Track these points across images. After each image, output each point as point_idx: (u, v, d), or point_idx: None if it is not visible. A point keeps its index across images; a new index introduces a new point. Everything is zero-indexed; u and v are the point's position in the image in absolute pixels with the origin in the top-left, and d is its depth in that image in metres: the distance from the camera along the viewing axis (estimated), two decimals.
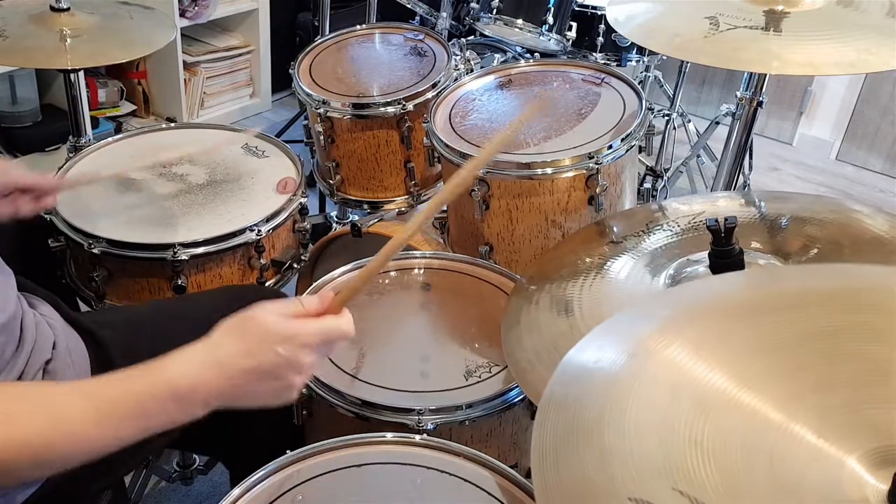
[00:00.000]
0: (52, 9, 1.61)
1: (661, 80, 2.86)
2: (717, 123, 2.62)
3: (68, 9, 1.61)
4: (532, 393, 0.96)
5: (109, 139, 1.59)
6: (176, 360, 0.78)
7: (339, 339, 0.85)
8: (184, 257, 1.30)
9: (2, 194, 1.13)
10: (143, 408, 0.76)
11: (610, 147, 1.39)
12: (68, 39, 1.56)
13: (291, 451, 0.92)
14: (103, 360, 1.04)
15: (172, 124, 1.72)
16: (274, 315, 0.81)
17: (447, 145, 1.46)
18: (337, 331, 0.83)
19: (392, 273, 1.35)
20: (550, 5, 2.24)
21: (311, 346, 0.81)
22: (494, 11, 2.29)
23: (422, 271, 1.36)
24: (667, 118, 2.78)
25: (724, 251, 0.97)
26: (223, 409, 1.06)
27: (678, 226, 1.16)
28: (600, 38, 2.27)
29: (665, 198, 2.73)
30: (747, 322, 0.72)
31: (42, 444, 0.73)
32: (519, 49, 2.53)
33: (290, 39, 3.42)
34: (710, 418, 0.62)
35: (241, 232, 1.34)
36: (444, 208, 1.64)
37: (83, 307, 1.45)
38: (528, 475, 0.67)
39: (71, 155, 1.56)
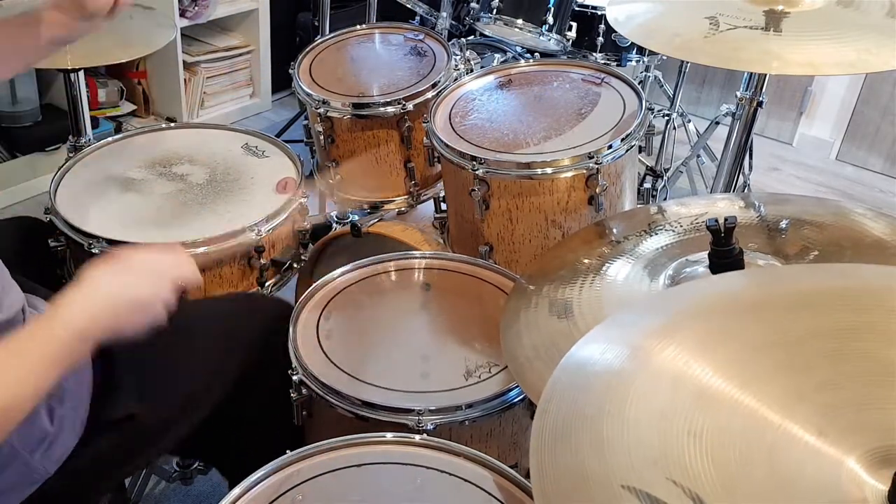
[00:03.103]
0: None
1: (661, 80, 2.86)
2: (717, 123, 2.62)
3: None
4: (532, 392, 0.96)
5: (109, 139, 1.59)
6: (67, 306, 0.87)
7: (187, 282, 1.01)
8: None
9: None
10: (58, 355, 0.85)
11: (610, 147, 1.39)
12: None
13: (291, 451, 0.93)
14: (105, 364, 1.05)
15: (172, 124, 1.72)
16: (150, 252, 0.99)
17: (447, 145, 1.46)
18: (190, 273, 1.01)
19: (392, 273, 1.35)
20: (550, 5, 2.24)
21: (172, 281, 0.96)
22: (494, 11, 2.29)
23: (422, 271, 1.36)
24: (667, 118, 2.78)
25: (724, 251, 0.97)
26: (223, 422, 1.07)
27: (681, 226, 1.16)
28: (600, 38, 2.27)
29: (665, 198, 2.73)
30: (752, 320, 0.72)
31: None
32: (519, 49, 2.53)
33: (290, 39, 3.42)
34: (710, 413, 0.63)
35: (241, 232, 1.34)
36: (444, 208, 1.64)
37: None
38: (527, 475, 0.67)
39: (71, 155, 1.56)
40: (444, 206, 1.64)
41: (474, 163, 1.40)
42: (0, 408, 0.80)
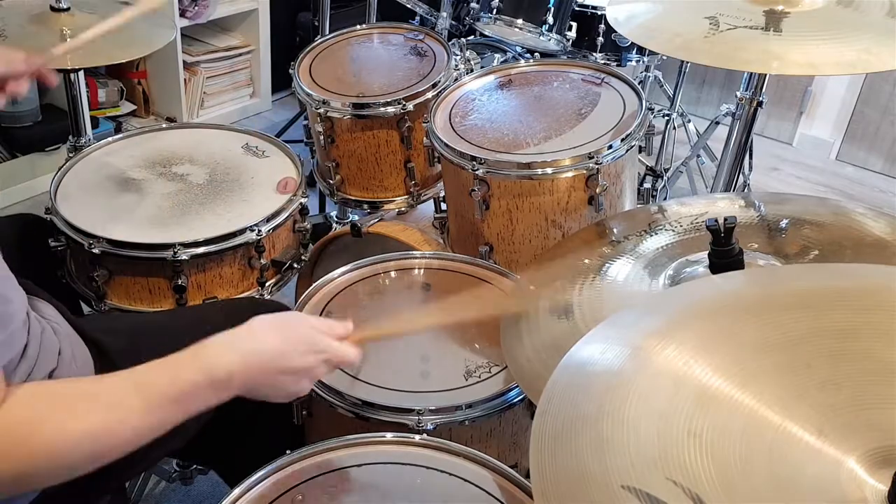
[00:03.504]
0: (53, 9, 1.61)
1: (661, 80, 2.86)
2: (717, 123, 2.62)
3: (68, 9, 1.61)
4: (532, 392, 0.96)
5: (109, 139, 1.59)
6: (218, 348, 0.84)
7: (344, 366, 1.01)
8: (184, 257, 1.30)
9: None
10: (185, 395, 0.81)
11: (610, 147, 1.39)
12: (68, 39, 1.55)
13: (291, 451, 0.93)
14: (107, 370, 1.04)
15: (173, 124, 1.72)
16: (313, 326, 0.91)
17: (447, 145, 1.46)
18: (348, 359, 0.93)
19: (392, 273, 1.35)
20: (550, 5, 2.24)
21: (329, 362, 0.91)
22: (494, 11, 2.29)
23: (422, 271, 1.36)
24: (667, 118, 2.78)
25: (724, 251, 0.97)
26: (223, 421, 1.07)
27: (681, 226, 1.16)
28: (600, 38, 2.27)
29: (665, 198, 2.73)
30: (753, 320, 0.72)
31: (99, 435, 0.77)
32: (519, 49, 2.53)
33: (290, 39, 3.42)
34: (710, 412, 0.63)
35: (242, 232, 1.35)
36: (444, 207, 1.64)
37: (84, 308, 1.45)
38: (527, 475, 0.67)
39: (71, 155, 1.56)
40: (444, 206, 1.64)
41: (474, 163, 1.40)
42: (101, 435, 0.77)
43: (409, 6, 2.67)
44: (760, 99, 1.57)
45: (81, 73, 1.77)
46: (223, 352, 0.84)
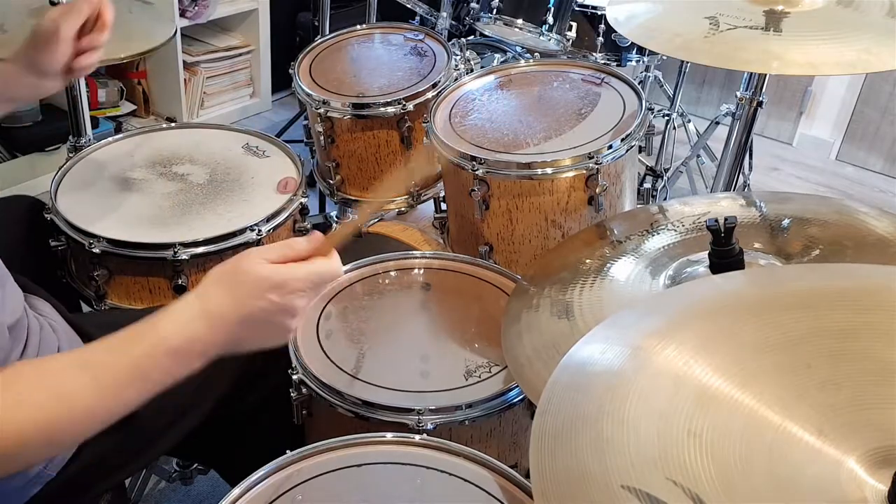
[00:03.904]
0: (52, 3, 1.61)
1: (661, 80, 2.86)
2: (717, 123, 2.63)
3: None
4: (532, 392, 0.96)
5: (109, 139, 1.59)
6: (168, 317, 0.79)
7: (329, 280, 0.87)
8: (184, 257, 1.30)
9: (61, 34, 1.09)
10: (140, 371, 0.77)
11: (610, 147, 1.39)
12: None
13: (291, 451, 0.93)
14: None
15: (173, 124, 1.72)
16: (262, 263, 0.82)
17: (447, 145, 1.46)
18: (327, 273, 0.85)
19: (392, 273, 1.35)
20: (550, 5, 2.24)
21: (301, 290, 0.82)
22: (494, 11, 2.29)
23: (422, 271, 1.36)
24: (667, 118, 2.78)
25: (724, 251, 0.97)
26: (223, 421, 1.06)
27: (683, 225, 1.16)
28: (600, 38, 2.27)
29: (665, 198, 2.73)
30: (754, 320, 0.72)
31: (51, 422, 0.73)
32: (519, 49, 2.53)
33: (290, 39, 3.42)
34: (711, 412, 0.63)
35: (242, 232, 1.34)
36: (444, 208, 1.64)
37: (84, 307, 1.45)
38: (527, 475, 0.67)
39: (71, 155, 1.56)
40: (444, 206, 1.64)
41: (474, 163, 1.40)
42: (53, 422, 0.73)
43: (409, 6, 2.67)
44: (760, 99, 1.57)
45: None
46: (173, 320, 0.79)
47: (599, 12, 2.24)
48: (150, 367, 0.77)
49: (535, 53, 2.44)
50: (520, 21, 2.28)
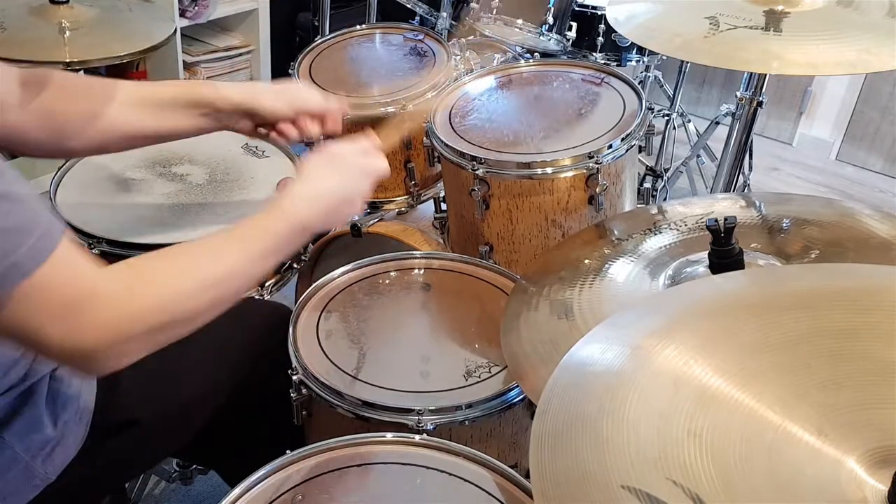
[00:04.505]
0: (52, 1, 1.61)
1: (661, 80, 2.86)
2: (717, 123, 2.63)
3: (67, 1, 1.61)
4: (532, 392, 0.96)
5: None
6: (292, 201, 0.98)
7: (383, 177, 1.11)
8: None
9: (290, 118, 1.23)
10: (278, 245, 0.95)
11: (610, 147, 1.39)
12: (67, 32, 1.55)
13: (291, 451, 0.93)
14: None
15: None
16: (357, 151, 1.08)
17: (447, 145, 1.46)
18: (384, 169, 1.10)
19: (392, 273, 1.35)
20: (550, 5, 2.24)
21: (373, 177, 1.08)
22: (494, 11, 2.28)
23: (422, 271, 1.36)
24: (667, 118, 2.78)
25: (724, 251, 0.97)
26: (223, 422, 1.07)
27: (684, 225, 1.16)
28: (600, 38, 2.27)
29: (665, 198, 2.73)
30: (754, 320, 0.72)
31: (221, 283, 0.88)
32: (519, 49, 2.53)
33: (290, 39, 3.42)
34: (711, 412, 0.63)
35: None
36: (444, 208, 1.64)
37: None
38: (527, 475, 0.67)
39: None
40: (444, 206, 1.64)
41: (474, 163, 1.40)
42: (218, 281, 0.87)
43: (409, 6, 2.67)
44: (760, 99, 1.57)
45: (81, 73, 1.76)
46: (296, 203, 0.98)
47: (599, 12, 2.24)
48: (284, 243, 0.95)
49: (535, 53, 2.44)
50: (520, 21, 2.27)
